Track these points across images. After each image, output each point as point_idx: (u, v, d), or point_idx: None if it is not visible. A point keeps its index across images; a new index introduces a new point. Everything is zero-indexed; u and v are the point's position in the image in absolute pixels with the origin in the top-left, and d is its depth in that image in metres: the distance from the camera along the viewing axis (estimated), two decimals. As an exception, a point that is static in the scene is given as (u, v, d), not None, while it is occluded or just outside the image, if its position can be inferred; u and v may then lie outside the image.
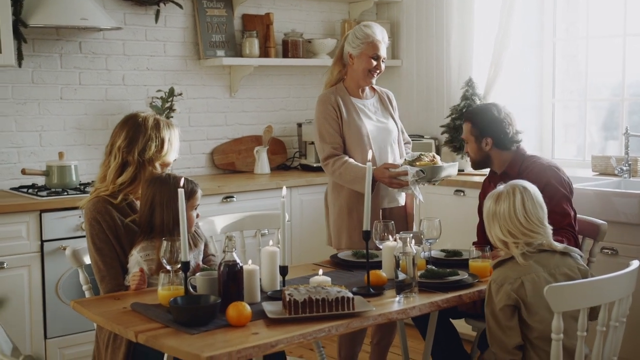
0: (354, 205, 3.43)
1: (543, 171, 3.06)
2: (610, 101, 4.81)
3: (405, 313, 2.40)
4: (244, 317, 2.20)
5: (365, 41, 3.44)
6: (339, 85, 3.53)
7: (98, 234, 2.65)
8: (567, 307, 2.20)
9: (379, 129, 3.50)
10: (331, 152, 3.42)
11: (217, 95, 4.92)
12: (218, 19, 4.83)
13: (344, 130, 3.45)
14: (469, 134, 3.22)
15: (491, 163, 3.23)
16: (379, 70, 3.49)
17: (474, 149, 3.22)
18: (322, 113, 3.46)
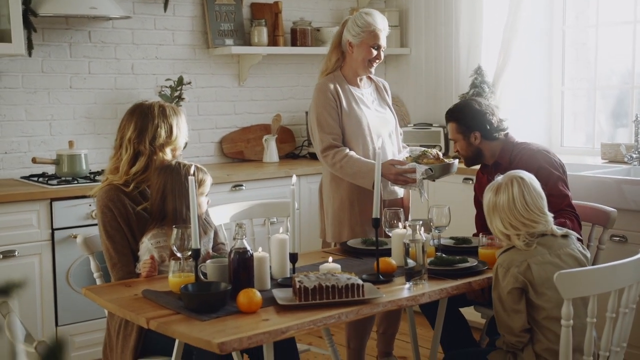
0: (356, 197, 3.36)
1: (533, 156, 3.08)
2: (620, 89, 4.80)
3: (414, 300, 2.40)
4: (255, 304, 2.21)
5: (366, 30, 3.33)
6: (336, 73, 3.42)
7: (110, 222, 2.67)
8: (577, 293, 2.21)
9: (378, 118, 3.43)
10: (331, 143, 3.31)
11: (225, 84, 4.93)
12: (227, 8, 4.83)
13: (343, 120, 3.35)
14: (455, 133, 3.23)
15: (482, 156, 3.24)
16: (379, 60, 3.41)
17: (463, 146, 3.23)
18: (322, 102, 3.35)
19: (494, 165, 3.19)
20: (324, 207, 3.50)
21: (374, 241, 3.04)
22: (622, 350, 2.39)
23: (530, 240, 2.47)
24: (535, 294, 2.42)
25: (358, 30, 3.34)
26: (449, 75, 5.19)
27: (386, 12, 5.32)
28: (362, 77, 3.46)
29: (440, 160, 3.27)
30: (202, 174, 2.73)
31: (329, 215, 3.45)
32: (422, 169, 3.19)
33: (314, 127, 3.39)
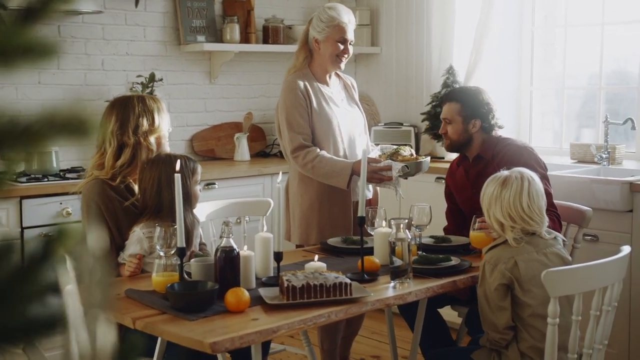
0: (325, 199, 3.30)
1: (519, 152, 3.08)
2: (586, 90, 4.88)
3: (402, 299, 2.41)
4: (243, 303, 2.19)
5: (330, 24, 3.27)
6: (305, 71, 3.34)
7: (95, 216, 2.63)
8: (563, 291, 2.24)
9: (348, 117, 3.38)
10: (301, 143, 3.23)
11: (196, 81, 4.88)
12: (198, 4, 4.78)
13: (313, 119, 3.27)
14: (456, 114, 3.15)
15: (469, 146, 3.18)
16: (347, 54, 3.33)
17: (458, 130, 3.15)
18: (291, 100, 3.27)
19: (475, 159, 3.17)
20: (290, 208, 3.44)
21: (354, 240, 3.04)
22: (604, 347, 2.42)
23: (521, 238, 2.49)
24: (521, 290, 2.44)
25: (322, 25, 3.28)
26: (420, 75, 5.22)
27: (357, 10, 5.33)
28: (331, 74, 3.41)
29: (414, 158, 3.26)
30: (193, 162, 2.73)
31: (296, 216, 3.39)
32: (398, 166, 3.17)
33: (283, 126, 3.32)
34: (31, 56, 0.52)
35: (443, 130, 3.22)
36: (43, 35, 0.56)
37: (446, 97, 3.25)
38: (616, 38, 4.66)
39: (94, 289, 0.54)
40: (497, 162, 2.98)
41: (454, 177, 3.30)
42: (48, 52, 0.53)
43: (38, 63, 0.54)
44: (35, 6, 0.53)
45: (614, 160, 4.24)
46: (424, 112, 4.87)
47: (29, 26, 0.54)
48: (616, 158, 4.25)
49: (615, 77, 4.74)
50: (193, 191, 2.69)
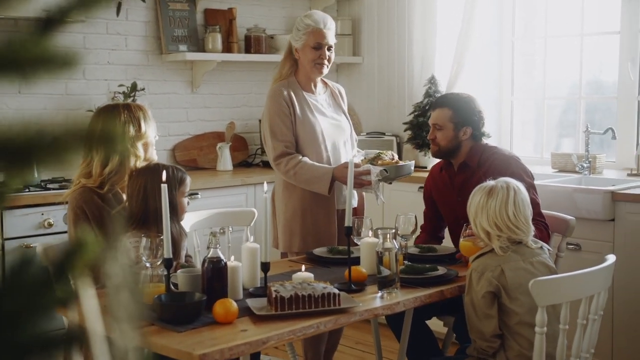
0: (308, 206, 3.30)
1: (507, 161, 3.08)
2: (566, 100, 4.92)
3: (390, 309, 2.41)
4: (231, 314, 2.18)
5: (305, 32, 3.28)
6: (290, 79, 3.36)
7: (82, 224, 2.60)
8: (550, 301, 2.25)
9: (332, 126, 3.37)
10: (284, 150, 3.25)
11: (178, 91, 4.86)
12: (180, 13, 4.77)
13: (297, 127, 3.28)
14: (447, 120, 3.12)
15: (457, 153, 3.16)
16: (327, 60, 3.31)
17: (448, 137, 3.13)
18: (274, 109, 3.29)
19: (461, 166, 3.16)
20: (275, 216, 3.45)
21: (340, 250, 3.04)
22: (591, 356, 2.44)
23: (507, 246, 2.51)
24: (508, 298, 2.45)
25: (299, 34, 3.31)
26: (402, 85, 5.24)
27: (339, 20, 5.34)
28: (316, 82, 3.41)
29: (395, 162, 3.24)
30: (181, 173, 2.70)
31: (281, 224, 3.39)
32: (376, 170, 3.15)
33: (267, 134, 3.34)
34: (53, 67, 0.52)
35: (432, 135, 3.18)
36: (64, 45, 0.55)
37: (437, 103, 3.22)
38: (594, 49, 4.71)
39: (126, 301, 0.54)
40: (483, 170, 2.99)
41: (436, 182, 3.29)
42: (70, 62, 0.52)
43: (60, 74, 0.54)
44: (55, 16, 0.53)
45: (594, 169, 4.27)
46: (406, 122, 4.88)
47: (49, 36, 0.53)
48: (597, 167, 4.29)
49: (590, 87, 4.79)
50: (179, 202, 2.67)
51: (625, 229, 3.62)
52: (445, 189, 3.22)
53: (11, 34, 3.58)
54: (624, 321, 3.64)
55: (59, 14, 0.53)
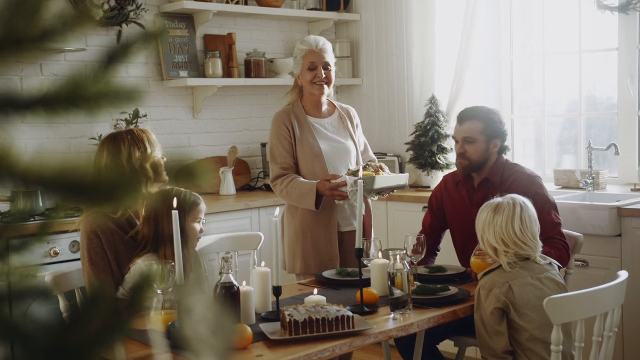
0: (308, 228, 3.30)
1: (531, 180, 3.04)
2: (566, 117, 4.94)
3: (404, 330, 2.39)
4: (246, 339, 2.17)
5: (300, 56, 3.35)
6: (295, 103, 3.41)
7: (95, 248, 2.60)
8: (565, 318, 2.24)
9: (335, 148, 3.37)
10: (279, 172, 3.30)
11: (180, 116, 4.87)
12: (180, 39, 4.79)
13: (297, 150, 3.32)
14: (479, 133, 3.05)
15: (483, 168, 3.10)
16: (324, 78, 3.32)
17: (479, 150, 3.05)
18: (274, 132, 3.36)
19: (482, 182, 3.10)
20: (283, 238, 3.46)
21: (349, 272, 3.03)
22: (606, 373, 2.43)
23: (515, 262, 2.51)
24: (517, 314, 2.45)
25: (296, 60, 3.38)
26: (402, 105, 5.25)
27: (337, 42, 5.37)
28: (321, 105, 3.41)
29: (376, 173, 3.18)
30: (194, 198, 2.69)
31: (285, 245, 3.42)
32: (351, 180, 3.10)
33: (268, 157, 3.41)
34: (117, 101, 0.52)
35: (461, 149, 3.09)
36: (124, 80, 0.55)
37: (467, 115, 3.13)
38: (592, 65, 4.74)
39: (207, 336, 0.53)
40: (506, 188, 2.94)
41: (451, 195, 3.22)
42: (133, 96, 0.52)
43: (123, 107, 0.54)
44: (116, 51, 0.53)
45: (598, 185, 4.28)
46: (407, 142, 4.89)
47: (111, 71, 0.53)
48: (600, 183, 4.30)
49: (588, 103, 4.81)
50: (189, 227, 2.65)
51: (632, 244, 3.62)
52: (461, 204, 3.18)
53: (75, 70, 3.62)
54: (633, 336, 3.62)
55: (121, 50, 0.53)
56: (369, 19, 5.42)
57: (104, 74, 0.54)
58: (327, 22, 5.39)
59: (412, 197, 4.55)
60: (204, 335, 0.55)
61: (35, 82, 4.24)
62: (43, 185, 0.48)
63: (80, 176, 0.47)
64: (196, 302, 0.56)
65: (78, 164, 0.49)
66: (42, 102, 0.51)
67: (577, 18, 4.67)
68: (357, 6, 5.49)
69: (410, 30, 5.13)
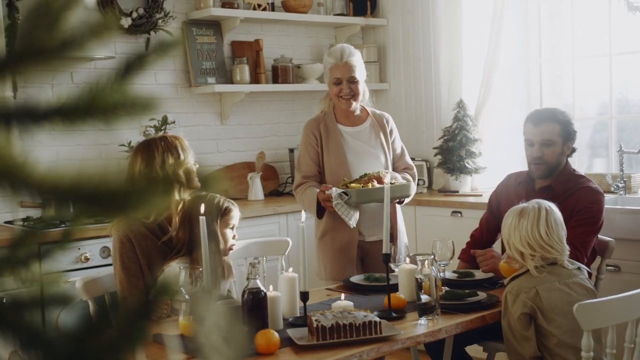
0: (329, 234, 3.32)
1: (596, 198, 2.95)
2: (596, 120, 4.88)
3: (432, 335, 2.38)
4: (273, 345, 2.17)
5: (328, 69, 3.35)
6: (328, 111, 3.43)
7: (127, 253, 2.62)
8: (596, 324, 2.21)
9: (362, 157, 3.35)
10: (300, 181, 3.34)
11: (208, 123, 4.90)
12: (208, 46, 4.82)
13: (324, 158, 3.34)
14: (557, 135, 2.96)
15: (555, 172, 3.01)
16: (349, 92, 3.29)
17: (556, 153, 2.97)
18: (303, 140, 3.42)
19: (544, 189, 2.99)
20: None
21: (376, 277, 3.03)
22: (639, 379, 2.39)
23: (542, 267, 2.48)
24: (544, 319, 2.43)
25: (325, 71, 3.40)
26: (429, 110, 5.23)
27: (364, 47, 5.37)
28: (353, 113, 3.39)
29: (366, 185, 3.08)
30: (228, 204, 2.71)
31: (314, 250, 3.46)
32: (336, 192, 3.07)
33: (295, 165, 3.46)
34: (133, 111, 0.52)
35: (539, 152, 2.98)
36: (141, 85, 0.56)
37: (544, 117, 3.02)
38: (624, 68, 4.67)
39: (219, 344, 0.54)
40: (570, 200, 2.88)
41: (509, 193, 3.12)
42: (149, 106, 0.53)
43: (140, 117, 0.55)
44: (133, 62, 0.54)
45: (630, 189, 4.23)
46: (436, 147, 4.87)
47: (128, 82, 0.54)
48: (632, 187, 4.24)
49: (620, 106, 4.75)
50: (221, 233, 2.67)
51: (664, 249, 3.56)
52: (516, 203, 3.11)
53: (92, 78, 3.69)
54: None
55: (138, 60, 0.54)
56: (396, 23, 5.41)
57: (121, 84, 0.54)
58: (354, 27, 5.39)
59: (441, 201, 4.53)
60: (216, 343, 0.55)
61: (65, 90, 4.30)
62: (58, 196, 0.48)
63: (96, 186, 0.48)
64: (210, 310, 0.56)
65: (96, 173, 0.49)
66: (60, 113, 0.51)
67: (607, 20, 4.62)
68: (384, 11, 5.49)
69: (437, 34, 5.11)
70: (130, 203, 0.50)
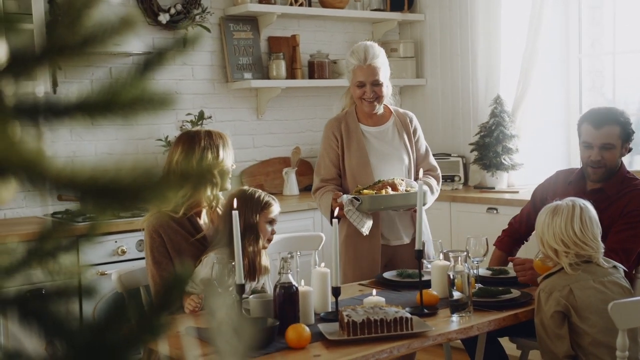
0: (352, 238, 3.19)
1: None
2: (636, 116, 4.80)
3: (464, 332, 2.37)
4: (304, 339, 2.18)
5: (350, 69, 3.21)
6: (349, 110, 3.32)
7: (158, 247, 2.66)
8: (632, 323, 2.18)
9: (385, 159, 3.25)
10: (318, 185, 3.25)
11: (244, 118, 4.93)
12: (245, 42, 4.85)
13: (345, 160, 3.23)
14: (617, 138, 2.88)
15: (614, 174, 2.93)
16: (373, 96, 3.15)
17: (616, 156, 2.89)
18: (324, 141, 3.32)
19: (595, 191, 2.90)
20: None
21: (409, 273, 3.02)
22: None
23: (577, 264, 2.45)
24: (579, 318, 2.40)
25: (347, 71, 3.27)
26: (466, 105, 5.20)
27: (401, 43, 5.36)
28: (375, 113, 3.25)
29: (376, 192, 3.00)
30: (269, 198, 2.74)
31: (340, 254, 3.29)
32: (346, 199, 3.00)
33: (315, 167, 3.38)
34: (150, 107, 0.54)
35: (599, 156, 2.89)
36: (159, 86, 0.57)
37: (604, 119, 2.91)
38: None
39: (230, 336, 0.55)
40: (620, 202, 2.83)
41: (557, 191, 3.02)
42: (166, 102, 0.54)
43: (157, 112, 0.56)
44: (153, 58, 0.55)
45: (670, 186, 4.14)
46: (472, 143, 4.84)
47: (146, 78, 0.55)
48: (672, 184, 4.16)
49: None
50: (261, 227, 2.69)
51: None
52: None
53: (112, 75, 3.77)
54: None
55: (157, 56, 0.55)
56: (434, 19, 5.38)
57: (140, 80, 0.55)
58: (391, 22, 5.37)
59: (476, 198, 4.50)
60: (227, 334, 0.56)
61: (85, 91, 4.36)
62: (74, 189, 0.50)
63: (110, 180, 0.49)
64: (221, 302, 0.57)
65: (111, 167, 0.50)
66: (80, 108, 0.53)
67: (648, 15, 4.54)
68: (422, 6, 5.46)
69: (475, 29, 5.07)
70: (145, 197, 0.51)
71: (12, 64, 0.53)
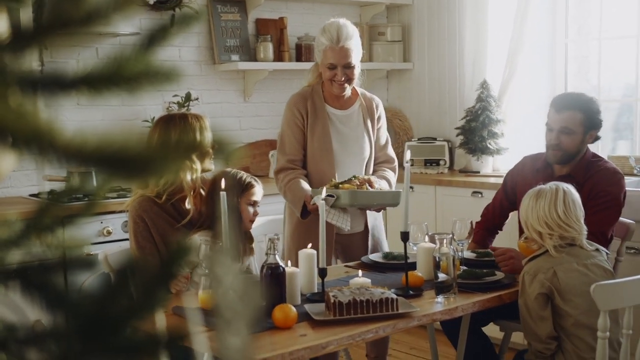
0: (304, 227, 3.07)
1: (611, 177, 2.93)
2: (622, 102, 4.84)
3: (448, 314, 2.40)
4: (291, 319, 2.21)
5: (321, 49, 3.04)
6: (316, 87, 3.15)
7: (142, 232, 2.67)
8: (613, 305, 2.22)
9: (347, 146, 3.14)
10: (285, 165, 3.09)
11: (231, 100, 4.92)
12: (232, 24, 4.83)
13: (307, 140, 3.08)
14: (578, 124, 2.92)
15: (573, 159, 2.98)
16: (345, 78, 3.03)
17: (576, 141, 2.93)
18: (287, 118, 3.13)
19: (564, 178, 2.90)
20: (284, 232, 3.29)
21: (395, 255, 3.05)
22: (654, 361, 2.40)
23: (560, 246, 2.49)
24: (562, 300, 2.44)
25: (317, 50, 3.10)
26: (453, 90, 5.22)
27: (389, 26, 5.36)
28: (346, 96, 3.14)
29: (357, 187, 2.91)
30: (250, 180, 2.75)
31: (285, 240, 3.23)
32: (320, 202, 2.73)
33: (277, 144, 3.22)
34: (156, 81, 0.55)
35: (557, 140, 2.95)
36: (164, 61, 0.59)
37: (566, 105, 2.96)
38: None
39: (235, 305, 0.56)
40: (589, 184, 2.88)
41: (526, 178, 3.06)
42: (171, 76, 0.55)
43: (162, 87, 0.57)
44: (157, 34, 0.56)
45: (653, 172, 4.20)
46: (458, 127, 4.86)
47: (151, 52, 0.56)
48: (655, 170, 4.21)
49: None
50: (242, 209, 2.71)
51: (686, 233, 3.54)
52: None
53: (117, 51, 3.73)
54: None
55: (161, 31, 0.56)
56: (421, 3, 5.38)
57: (145, 55, 0.56)
58: (379, 6, 5.37)
59: (462, 182, 4.53)
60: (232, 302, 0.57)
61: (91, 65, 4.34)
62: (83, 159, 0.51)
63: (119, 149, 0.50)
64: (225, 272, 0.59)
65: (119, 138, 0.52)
66: (86, 81, 0.54)
67: (636, 1, 4.56)
68: (409, -10, 5.46)
69: (462, 14, 5.08)
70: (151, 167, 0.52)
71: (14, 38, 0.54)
